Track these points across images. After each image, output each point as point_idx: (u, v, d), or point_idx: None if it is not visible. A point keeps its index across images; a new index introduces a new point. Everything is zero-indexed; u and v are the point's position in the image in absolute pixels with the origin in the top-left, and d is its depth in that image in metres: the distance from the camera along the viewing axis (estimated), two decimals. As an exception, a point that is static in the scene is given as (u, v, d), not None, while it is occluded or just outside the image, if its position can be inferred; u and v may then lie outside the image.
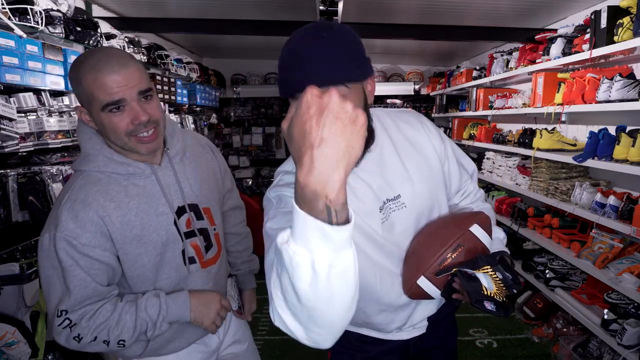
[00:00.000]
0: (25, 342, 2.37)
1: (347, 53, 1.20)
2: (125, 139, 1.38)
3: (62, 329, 1.36)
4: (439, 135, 1.52)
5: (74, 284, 1.34)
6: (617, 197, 3.09)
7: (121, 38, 3.61)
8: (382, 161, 1.40)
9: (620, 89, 2.97)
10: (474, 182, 1.68)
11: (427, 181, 1.45)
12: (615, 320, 3.02)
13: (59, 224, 1.33)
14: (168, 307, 1.46)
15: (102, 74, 1.30)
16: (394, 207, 1.40)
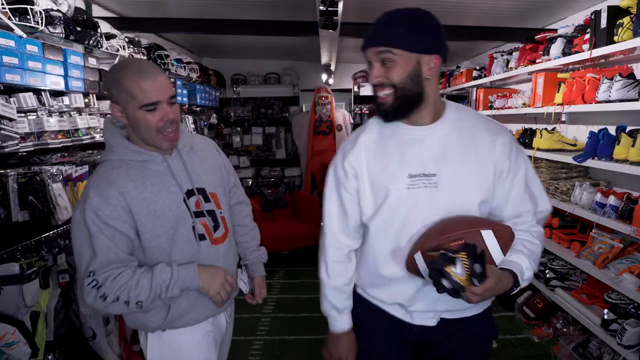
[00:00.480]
0: (25, 342, 2.37)
1: (407, 27, 1.49)
2: (154, 134, 1.65)
3: (90, 289, 1.59)
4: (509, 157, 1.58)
5: (99, 247, 1.58)
6: (617, 197, 3.09)
7: (121, 38, 3.61)
8: (443, 142, 1.56)
9: (620, 89, 2.97)
10: (536, 219, 1.65)
11: (468, 180, 1.54)
12: (615, 320, 3.02)
13: (87, 199, 1.60)
14: (179, 274, 1.66)
15: (143, 80, 1.59)
16: (425, 183, 1.54)
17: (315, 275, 1.88)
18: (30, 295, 2.51)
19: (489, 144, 1.57)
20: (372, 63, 1.54)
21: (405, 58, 1.48)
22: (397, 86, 1.50)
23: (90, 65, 3.12)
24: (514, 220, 1.61)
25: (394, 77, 1.50)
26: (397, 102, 1.53)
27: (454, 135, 1.58)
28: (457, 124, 1.60)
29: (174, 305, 1.74)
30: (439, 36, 1.57)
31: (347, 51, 6.65)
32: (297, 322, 4.24)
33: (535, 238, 1.60)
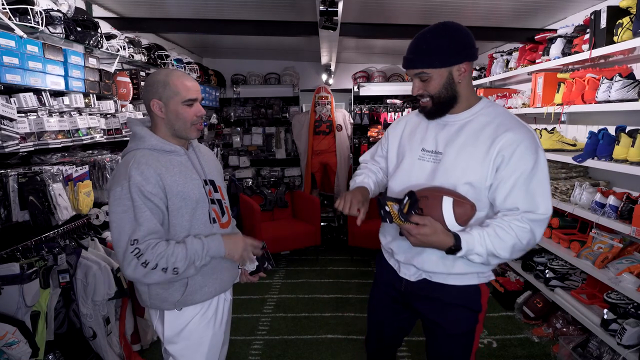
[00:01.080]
0: (26, 342, 2.38)
1: (436, 49, 1.80)
2: (188, 125, 1.99)
3: (132, 257, 1.79)
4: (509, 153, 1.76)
5: (143, 218, 1.81)
6: (616, 197, 3.09)
7: (121, 38, 3.61)
8: (459, 129, 1.90)
9: (620, 89, 2.97)
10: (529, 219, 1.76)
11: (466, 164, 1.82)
12: (615, 320, 3.02)
13: (131, 177, 1.82)
14: (208, 244, 1.94)
15: (187, 80, 1.97)
16: (433, 158, 1.93)
17: (314, 276, 1.94)
18: (31, 295, 2.52)
19: (492, 138, 1.80)
20: (413, 79, 1.90)
21: (438, 73, 1.83)
22: (434, 96, 1.87)
23: (91, 65, 3.12)
24: (504, 213, 1.80)
25: (430, 89, 1.86)
26: (434, 107, 1.91)
27: (471, 125, 1.88)
28: (477, 117, 1.89)
29: (191, 280, 1.99)
30: (463, 46, 1.83)
31: (347, 51, 6.65)
32: (297, 322, 4.24)
33: (512, 229, 1.75)
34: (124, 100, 3.66)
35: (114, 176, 1.92)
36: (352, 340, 3.90)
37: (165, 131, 2.01)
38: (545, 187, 1.78)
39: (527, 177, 1.75)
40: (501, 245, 1.75)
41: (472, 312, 1.99)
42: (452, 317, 1.99)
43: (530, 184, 1.76)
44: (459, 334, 2.02)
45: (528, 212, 1.76)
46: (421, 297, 2.03)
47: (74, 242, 3.04)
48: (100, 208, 3.29)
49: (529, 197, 1.76)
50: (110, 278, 2.98)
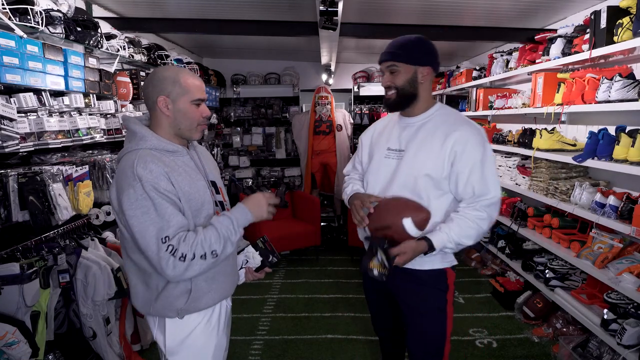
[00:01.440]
0: (26, 341, 2.37)
1: (407, 48, 2.14)
2: (194, 125, 1.93)
3: (168, 256, 1.71)
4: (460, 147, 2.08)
5: (168, 213, 1.74)
6: (616, 197, 3.09)
7: (121, 38, 3.61)
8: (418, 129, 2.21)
9: (620, 89, 2.97)
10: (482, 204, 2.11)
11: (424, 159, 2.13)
12: (615, 320, 3.02)
13: (141, 177, 1.72)
14: (236, 217, 1.88)
15: (197, 81, 1.92)
16: (397, 155, 2.23)
17: (314, 276, 1.96)
18: (31, 295, 2.52)
19: (445, 135, 2.11)
20: (384, 72, 2.21)
21: (405, 69, 2.15)
22: (399, 87, 2.17)
23: (91, 65, 3.12)
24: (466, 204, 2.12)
25: (397, 82, 2.17)
26: (398, 99, 2.20)
27: (427, 125, 2.20)
28: (433, 118, 2.21)
29: (195, 286, 1.90)
30: (429, 54, 2.19)
31: (347, 51, 6.66)
32: (297, 322, 4.24)
33: (472, 221, 2.08)
34: (124, 100, 3.66)
35: (117, 182, 1.80)
36: (352, 340, 3.90)
37: (168, 130, 1.92)
38: (494, 174, 2.13)
39: (479, 167, 2.07)
40: (465, 235, 2.08)
41: (439, 291, 2.27)
42: (423, 296, 2.27)
43: (482, 172, 2.08)
44: (430, 312, 2.28)
45: (482, 196, 2.09)
46: (395, 282, 2.29)
47: (74, 242, 3.03)
48: (100, 208, 3.29)
49: (482, 184, 2.08)
50: (110, 278, 2.98)
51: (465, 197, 2.12)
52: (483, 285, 5.02)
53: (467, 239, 2.10)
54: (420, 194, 2.14)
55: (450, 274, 2.29)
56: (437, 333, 2.30)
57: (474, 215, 2.08)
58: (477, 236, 2.12)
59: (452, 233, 2.07)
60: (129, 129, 1.92)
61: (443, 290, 2.28)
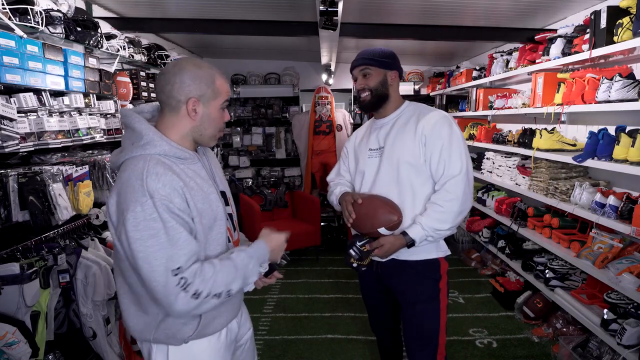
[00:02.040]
0: (26, 341, 2.37)
1: (377, 55, 2.41)
2: (216, 132, 1.77)
3: (178, 290, 1.47)
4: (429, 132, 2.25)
5: (181, 240, 1.50)
6: (616, 197, 3.09)
7: (121, 38, 3.61)
8: (391, 126, 2.40)
9: (620, 89, 2.97)
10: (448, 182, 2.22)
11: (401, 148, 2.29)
12: (615, 320, 3.02)
13: (153, 192, 1.48)
14: (256, 254, 1.71)
15: (226, 82, 1.78)
16: (378, 153, 2.40)
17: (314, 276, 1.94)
18: (31, 295, 2.52)
19: (416, 123, 2.29)
20: (358, 77, 2.44)
21: (376, 72, 2.39)
22: (372, 89, 2.38)
23: (91, 65, 3.12)
24: (438, 186, 2.24)
25: (370, 83, 2.39)
26: (372, 99, 2.40)
27: (399, 121, 2.39)
28: (403, 113, 2.41)
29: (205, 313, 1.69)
30: (395, 60, 2.44)
31: (347, 51, 6.65)
32: (297, 322, 4.24)
33: (441, 203, 2.19)
34: (124, 100, 3.66)
35: (120, 194, 1.53)
36: (352, 340, 3.90)
37: (185, 135, 1.69)
38: (461, 152, 2.23)
39: (447, 146, 2.21)
40: (438, 220, 2.19)
41: (433, 280, 2.37)
42: (417, 285, 2.37)
43: (450, 150, 2.20)
44: (424, 300, 2.37)
45: (450, 176, 2.20)
46: (391, 274, 2.42)
47: (74, 242, 3.03)
48: (100, 208, 3.29)
49: (449, 162, 2.20)
50: (110, 278, 2.98)
51: (437, 177, 2.25)
52: (483, 285, 5.02)
53: (441, 223, 2.19)
54: (403, 183, 2.28)
55: (443, 264, 2.40)
56: (431, 322, 2.38)
57: (440, 198, 2.21)
58: (452, 220, 2.21)
59: (425, 222, 2.19)
60: (133, 129, 1.65)
61: (436, 279, 2.37)
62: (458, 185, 2.20)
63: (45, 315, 2.67)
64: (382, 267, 2.43)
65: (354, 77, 2.47)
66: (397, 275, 2.41)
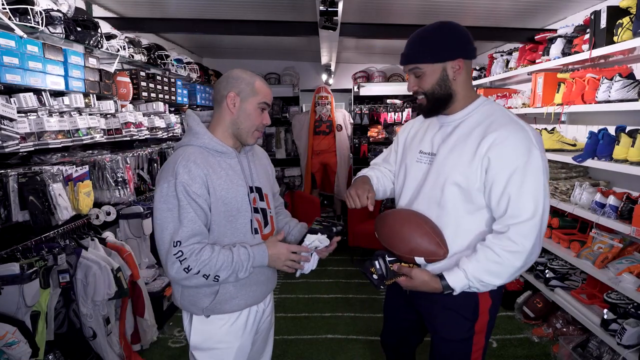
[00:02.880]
0: (26, 341, 2.38)
1: (428, 44, 1.82)
2: (253, 129, 1.95)
3: (175, 259, 1.75)
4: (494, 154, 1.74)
5: (187, 219, 1.76)
6: (616, 197, 3.09)
7: (121, 38, 3.61)
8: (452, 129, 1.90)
9: (620, 89, 2.97)
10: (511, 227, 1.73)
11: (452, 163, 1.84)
12: (614, 320, 3.02)
13: (177, 175, 1.77)
14: (255, 255, 1.88)
15: (268, 88, 2.03)
16: (428, 159, 1.96)
17: (314, 276, 1.95)
18: (31, 295, 2.52)
19: (481, 137, 1.78)
20: (409, 76, 1.92)
21: (431, 69, 1.83)
22: (427, 93, 1.87)
23: (91, 65, 3.12)
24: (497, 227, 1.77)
25: (424, 86, 1.86)
26: (429, 104, 1.90)
27: (464, 125, 1.88)
28: (471, 116, 1.88)
29: (222, 289, 1.92)
30: (458, 42, 1.84)
31: (347, 51, 6.65)
32: (297, 322, 4.24)
33: (494, 252, 1.73)
34: (124, 100, 3.66)
35: (162, 170, 1.86)
36: (352, 340, 3.91)
37: (226, 129, 1.96)
38: (537, 190, 1.71)
39: (519, 177, 1.70)
40: (487, 271, 1.75)
41: (465, 319, 1.93)
42: (445, 321, 1.97)
43: (521, 184, 1.70)
44: (453, 340, 1.97)
45: (515, 216, 1.71)
46: (422, 298, 2.00)
47: (74, 242, 3.04)
48: (100, 208, 3.30)
49: (518, 199, 1.71)
50: (110, 278, 2.98)
51: (497, 214, 1.78)
52: (483, 285, 5.02)
53: (492, 277, 1.75)
54: (447, 208, 1.85)
55: (483, 301, 1.93)
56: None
57: (500, 245, 1.73)
58: (508, 276, 1.77)
59: (472, 271, 1.76)
60: (188, 125, 1.98)
61: (469, 320, 1.94)
62: (528, 235, 1.70)
63: (45, 315, 2.68)
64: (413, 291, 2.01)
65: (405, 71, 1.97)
66: (427, 302, 2.01)
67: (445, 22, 1.84)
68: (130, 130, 3.59)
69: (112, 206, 3.36)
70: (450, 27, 1.84)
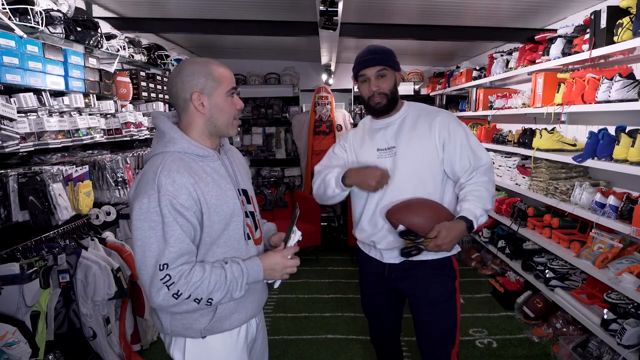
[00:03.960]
0: (26, 342, 2.38)
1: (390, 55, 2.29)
2: (231, 120, 1.79)
3: (162, 285, 1.54)
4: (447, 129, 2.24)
5: (173, 238, 1.56)
6: (616, 197, 3.09)
7: (121, 38, 3.61)
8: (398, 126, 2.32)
9: (620, 89, 2.97)
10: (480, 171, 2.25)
11: (418, 147, 2.24)
12: (615, 320, 3.02)
13: (160, 187, 1.56)
14: (248, 271, 1.70)
15: (227, 70, 1.78)
16: (388, 153, 2.29)
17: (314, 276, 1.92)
18: (31, 295, 2.52)
19: (428, 122, 2.27)
20: (370, 78, 2.25)
21: (392, 74, 2.28)
22: (388, 93, 2.27)
23: (91, 65, 3.12)
24: (466, 178, 2.25)
25: (385, 87, 2.26)
26: (387, 103, 2.29)
27: (406, 121, 2.32)
28: (409, 113, 2.34)
29: (221, 305, 1.73)
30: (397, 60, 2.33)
31: (347, 51, 6.65)
32: (297, 322, 4.24)
33: (481, 186, 2.21)
34: (124, 100, 3.66)
35: (138, 183, 1.65)
36: (352, 340, 3.91)
37: (202, 130, 1.76)
38: (479, 144, 2.29)
39: (466, 142, 2.24)
40: (486, 200, 2.19)
41: (449, 278, 2.34)
42: (433, 285, 2.32)
43: (470, 145, 2.24)
44: (441, 301, 2.32)
45: (478, 166, 2.24)
46: (405, 276, 2.34)
47: (74, 242, 3.04)
48: (100, 208, 3.30)
49: (473, 155, 2.23)
50: (110, 278, 2.98)
51: (463, 171, 2.25)
52: (483, 285, 5.02)
53: (486, 202, 2.20)
54: (425, 181, 2.24)
55: (455, 262, 2.39)
56: (450, 321, 2.34)
57: (480, 181, 2.22)
58: (491, 200, 2.25)
59: (476, 202, 2.17)
60: (158, 128, 1.78)
61: (452, 278, 2.36)
62: (490, 172, 2.28)
63: (45, 315, 2.68)
64: (394, 269, 2.34)
65: (364, 78, 2.28)
66: (412, 277, 2.33)
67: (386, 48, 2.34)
68: (130, 130, 3.59)
69: (112, 206, 3.36)
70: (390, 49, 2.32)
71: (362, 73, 2.28)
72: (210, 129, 1.77)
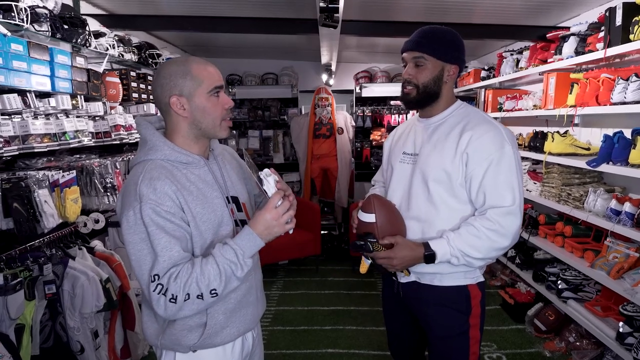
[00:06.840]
0: (10, 356, 2.38)
1: (439, 41, 2.01)
2: (218, 121, 1.74)
3: (157, 296, 1.55)
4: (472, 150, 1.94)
5: (160, 246, 1.56)
6: (633, 203, 3.09)
7: (111, 36, 3.63)
8: (432, 130, 2.10)
9: (636, 89, 2.98)
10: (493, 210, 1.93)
11: (433, 161, 2.02)
12: (631, 333, 3.02)
13: (142, 197, 1.57)
14: (241, 246, 1.65)
15: (209, 67, 1.72)
16: (411, 159, 2.15)
17: (314, 287, 1.91)
18: (15, 307, 2.52)
19: (457, 136, 1.99)
20: (407, 62, 2.06)
21: (433, 64, 2.02)
22: (421, 85, 2.03)
23: (78, 65, 3.13)
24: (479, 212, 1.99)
25: (421, 77, 2.03)
26: (418, 96, 2.06)
27: (443, 126, 2.08)
28: (450, 118, 2.09)
29: (210, 320, 1.73)
30: (460, 51, 2.08)
31: (349, 50, 6.67)
32: (296, 336, 4.24)
33: (475, 228, 1.92)
34: (113, 101, 3.67)
35: (122, 196, 1.65)
36: (354, 354, 3.90)
37: (187, 135, 1.74)
38: (512, 180, 1.93)
39: (493, 170, 1.92)
40: (469, 244, 1.92)
41: (460, 313, 2.09)
42: (440, 318, 2.11)
43: (496, 176, 1.92)
44: (449, 337, 2.11)
45: (494, 205, 1.92)
46: (414, 298, 2.18)
47: (60, 252, 3.04)
48: (88, 215, 3.30)
49: (494, 190, 1.92)
50: (99, 289, 2.98)
51: (477, 205, 1.98)
52: (492, 297, 5.01)
53: (472, 249, 1.91)
54: (435, 202, 2.02)
55: (474, 293, 2.10)
56: (460, 356, 2.12)
57: (482, 224, 1.92)
58: (486, 249, 1.92)
59: (452, 238, 1.94)
60: (140, 135, 1.77)
61: (464, 313, 2.09)
62: (507, 221, 1.92)
63: (30, 328, 2.67)
64: (404, 288, 2.18)
65: (404, 62, 2.09)
66: (420, 301, 2.16)
67: (453, 30, 2.08)
68: (119, 133, 3.60)
69: (100, 213, 3.37)
70: (458, 36, 2.08)
71: (402, 56, 2.10)
72: (196, 133, 1.75)
